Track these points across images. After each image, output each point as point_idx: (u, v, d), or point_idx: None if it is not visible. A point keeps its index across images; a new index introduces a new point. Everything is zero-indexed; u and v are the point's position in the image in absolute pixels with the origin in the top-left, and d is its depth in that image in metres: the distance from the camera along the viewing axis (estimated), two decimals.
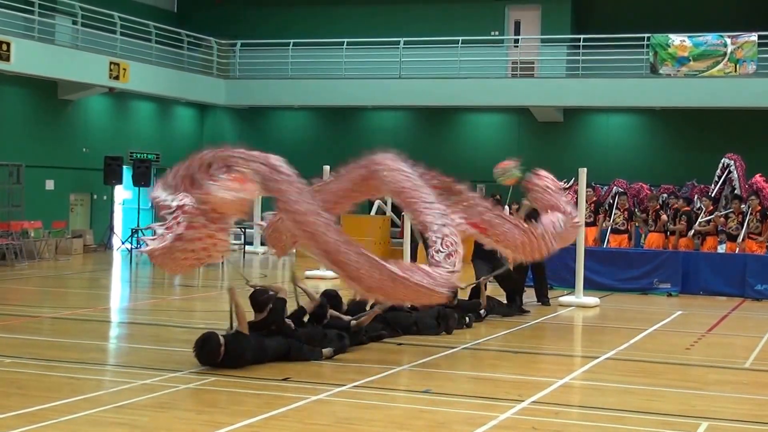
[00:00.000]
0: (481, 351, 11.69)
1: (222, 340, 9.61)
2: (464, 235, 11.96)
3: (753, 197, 18.73)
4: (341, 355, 10.60)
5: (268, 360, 9.94)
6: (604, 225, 20.81)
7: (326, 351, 10.38)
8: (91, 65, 24.29)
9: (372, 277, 9.65)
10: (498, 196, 19.29)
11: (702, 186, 21.78)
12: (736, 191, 19.95)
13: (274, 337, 10.16)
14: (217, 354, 9.56)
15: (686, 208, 19.62)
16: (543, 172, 13.71)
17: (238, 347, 9.67)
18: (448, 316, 12.74)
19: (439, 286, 9.89)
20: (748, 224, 18.63)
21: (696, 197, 21.32)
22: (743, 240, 18.61)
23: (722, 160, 20.65)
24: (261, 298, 10.34)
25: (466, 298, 14.00)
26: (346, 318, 11.55)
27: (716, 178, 20.94)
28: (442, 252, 10.28)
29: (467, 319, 13.22)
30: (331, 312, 11.61)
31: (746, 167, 20.94)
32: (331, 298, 12.06)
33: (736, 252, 18.64)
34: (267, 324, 10.28)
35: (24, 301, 16.10)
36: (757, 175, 19.89)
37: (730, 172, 20.45)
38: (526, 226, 12.26)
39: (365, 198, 13.11)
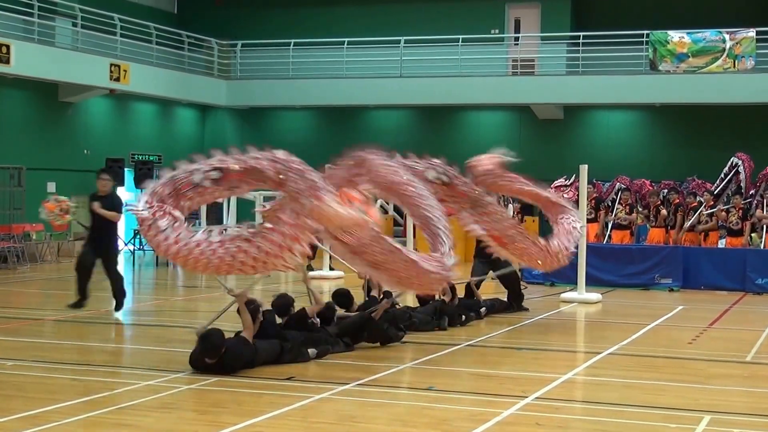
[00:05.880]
0: (483, 348, 11.71)
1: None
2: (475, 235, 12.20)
3: None
4: (343, 354, 10.63)
5: (261, 363, 9.83)
6: (607, 218, 20.82)
7: (311, 351, 10.37)
8: (92, 67, 24.30)
9: (396, 268, 9.74)
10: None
11: (700, 181, 21.75)
12: (742, 191, 19.99)
13: (266, 340, 10.09)
14: (218, 350, 9.47)
15: (694, 204, 19.62)
16: (478, 159, 12.74)
17: (238, 351, 9.59)
18: (444, 313, 12.80)
19: (445, 271, 10.17)
20: None
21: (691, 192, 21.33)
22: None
23: (731, 159, 20.67)
24: (249, 308, 10.25)
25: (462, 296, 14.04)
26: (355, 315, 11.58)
27: (722, 175, 20.95)
28: (446, 244, 10.40)
29: (463, 317, 13.25)
30: (339, 313, 11.65)
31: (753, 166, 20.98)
32: (341, 297, 12.12)
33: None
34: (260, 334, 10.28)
35: (26, 303, 16.14)
36: None
37: (738, 171, 20.47)
38: (542, 243, 12.57)
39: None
